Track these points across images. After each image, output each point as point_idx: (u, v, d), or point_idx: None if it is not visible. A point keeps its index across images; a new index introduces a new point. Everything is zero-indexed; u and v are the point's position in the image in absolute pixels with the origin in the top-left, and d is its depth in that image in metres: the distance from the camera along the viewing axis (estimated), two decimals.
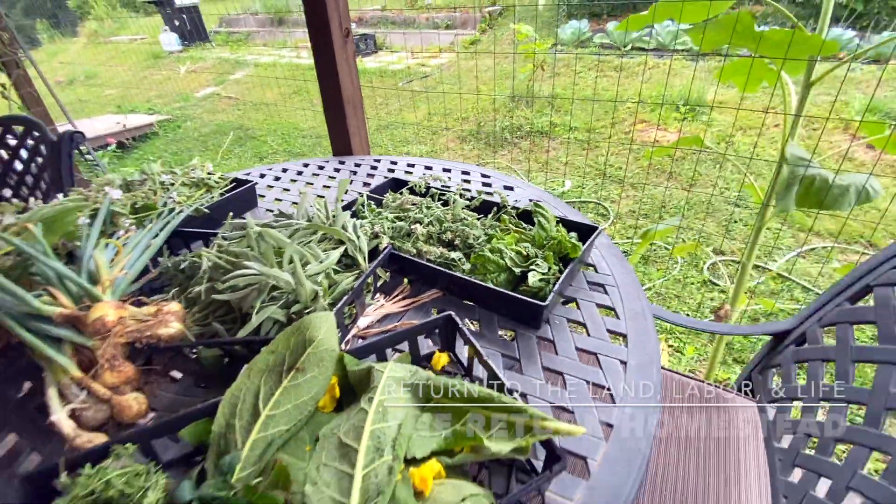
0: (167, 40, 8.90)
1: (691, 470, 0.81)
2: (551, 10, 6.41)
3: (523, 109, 4.66)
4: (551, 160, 3.91)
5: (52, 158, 1.26)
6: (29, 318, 0.63)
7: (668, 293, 2.45)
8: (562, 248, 0.81)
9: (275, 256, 0.72)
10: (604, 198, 3.35)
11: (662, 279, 2.50)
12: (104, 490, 0.46)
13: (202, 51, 8.96)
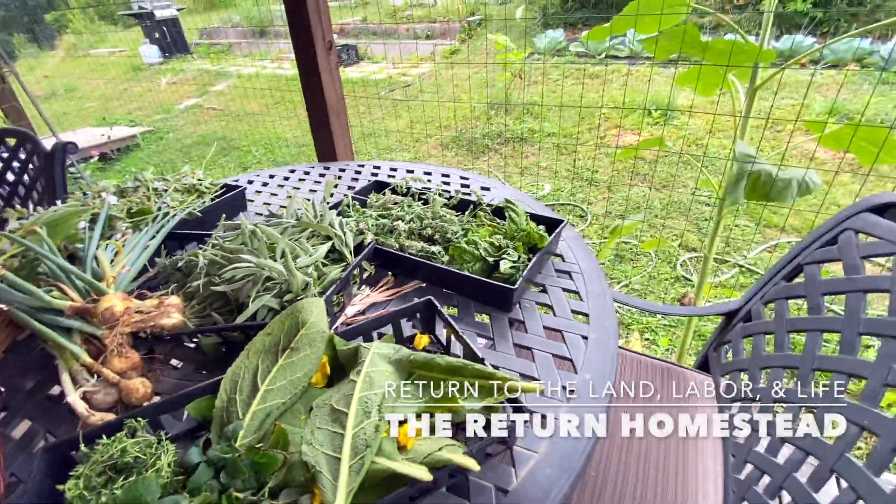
0: (147, 52, 8.87)
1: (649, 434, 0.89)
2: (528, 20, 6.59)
3: (502, 116, 4.78)
4: (530, 165, 4.03)
5: (45, 168, 1.30)
6: (40, 312, 0.69)
7: (644, 289, 2.56)
8: (531, 240, 0.89)
9: (267, 251, 0.79)
10: (581, 200, 3.47)
11: (638, 276, 2.61)
12: (121, 456, 0.52)
13: (183, 63, 8.95)
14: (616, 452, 0.89)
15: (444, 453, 0.50)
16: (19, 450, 0.62)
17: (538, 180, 3.76)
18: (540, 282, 0.89)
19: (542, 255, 0.87)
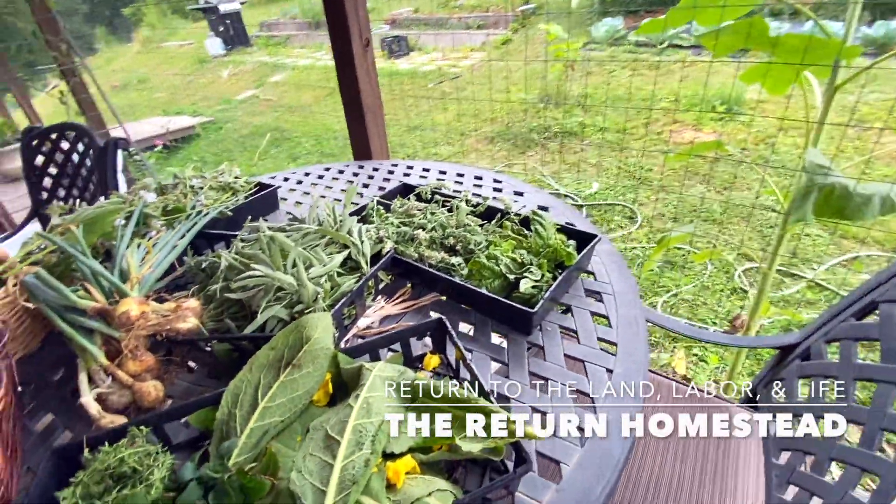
0: (212, 45, 9.35)
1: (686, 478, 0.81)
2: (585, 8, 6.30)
3: (552, 110, 4.61)
4: (580, 161, 3.86)
5: (99, 162, 1.38)
6: (67, 311, 0.71)
7: (696, 300, 2.38)
8: (557, 256, 0.82)
9: (282, 259, 0.78)
10: (632, 200, 3.28)
11: (689, 285, 2.43)
12: (118, 466, 0.52)
13: (243, 55, 9.36)
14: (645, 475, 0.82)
15: (430, 500, 0.46)
16: (39, 443, 0.65)
17: (586, 178, 3.60)
18: (566, 302, 0.83)
19: (568, 274, 0.81)
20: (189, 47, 10.50)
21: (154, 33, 12.23)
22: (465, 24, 7.52)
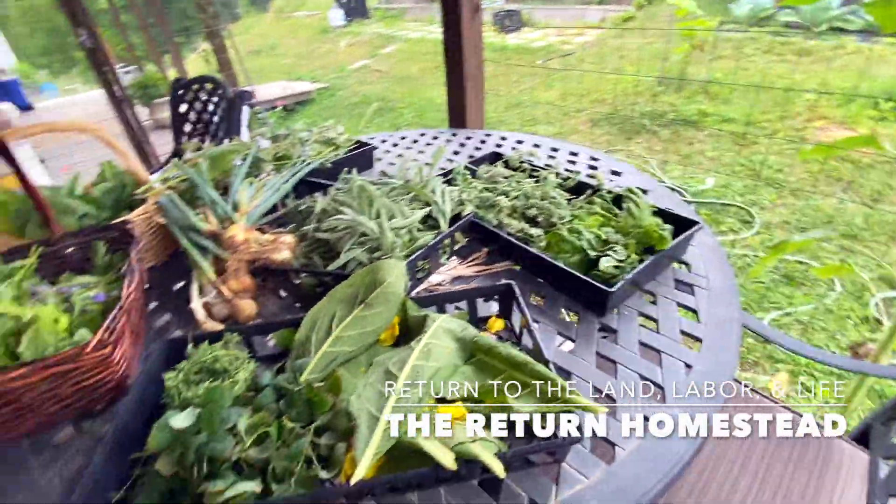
0: (334, 16, 9.91)
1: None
2: None
3: (670, 94, 4.20)
4: (694, 153, 3.50)
5: (227, 111, 1.56)
6: (189, 230, 0.83)
7: (814, 324, 2.07)
8: (649, 239, 0.76)
9: (368, 208, 0.82)
10: (752, 203, 2.91)
11: (807, 306, 2.12)
12: (213, 363, 0.60)
13: (361, 26, 9.79)
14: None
15: (473, 447, 0.47)
16: (157, 336, 0.78)
17: (700, 172, 3.25)
18: (650, 289, 0.77)
19: (658, 259, 0.74)
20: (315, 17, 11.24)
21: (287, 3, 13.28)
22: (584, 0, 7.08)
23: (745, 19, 4.90)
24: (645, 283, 0.77)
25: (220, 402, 0.53)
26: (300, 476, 0.50)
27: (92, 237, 0.82)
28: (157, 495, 0.50)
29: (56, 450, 0.61)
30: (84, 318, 0.64)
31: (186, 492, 0.50)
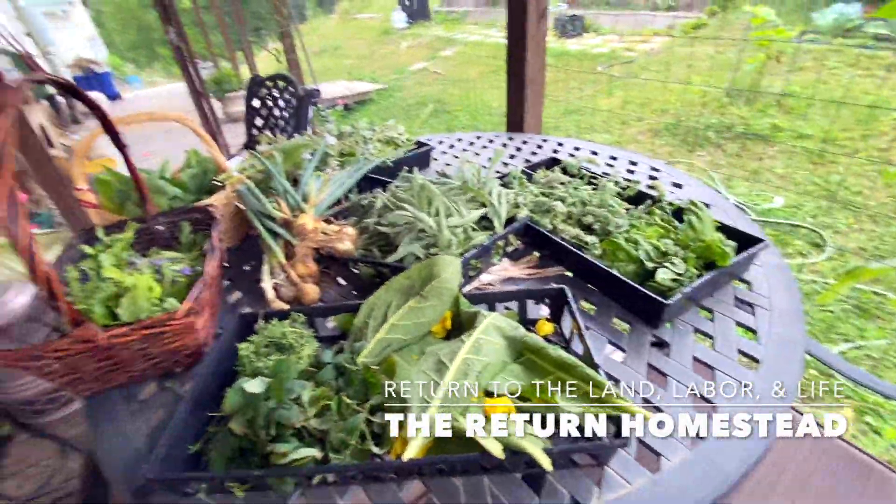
0: (397, 18, 10.17)
1: None
2: None
3: (740, 107, 3.98)
4: (763, 170, 3.30)
5: (298, 108, 1.66)
6: (263, 216, 0.90)
7: (887, 360, 1.91)
8: (710, 254, 0.74)
9: (428, 206, 0.85)
10: (825, 226, 2.71)
11: (882, 340, 1.95)
12: (280, 338, 0.66)
13: (422, 29, 9.98)
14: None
15: (520, 440, 0.48)
16: (229, 311, 0.85)
17: (768, 190, 3.06)
18: (708, 305, 0.75)
19: (718, 275, 0.73)
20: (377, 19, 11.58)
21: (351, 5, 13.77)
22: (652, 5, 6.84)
23: (828, 30, 4.54)
24: (702, 299, 0.76)
25: (287, 374, 0.58)
26: (354, 448, 0.54)
27: (180, 217, 0.91)
28: (228, 451, 0.55)
29: (141, 403, 0.69)
30: (173, 289, 0.72)
31: (254, 451, 0.55)
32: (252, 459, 0.54)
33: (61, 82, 0.65)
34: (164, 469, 0.50)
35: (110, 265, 0.77)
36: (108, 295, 0.70)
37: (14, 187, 0.49)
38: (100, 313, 0.68)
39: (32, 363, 0.59)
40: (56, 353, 0.59)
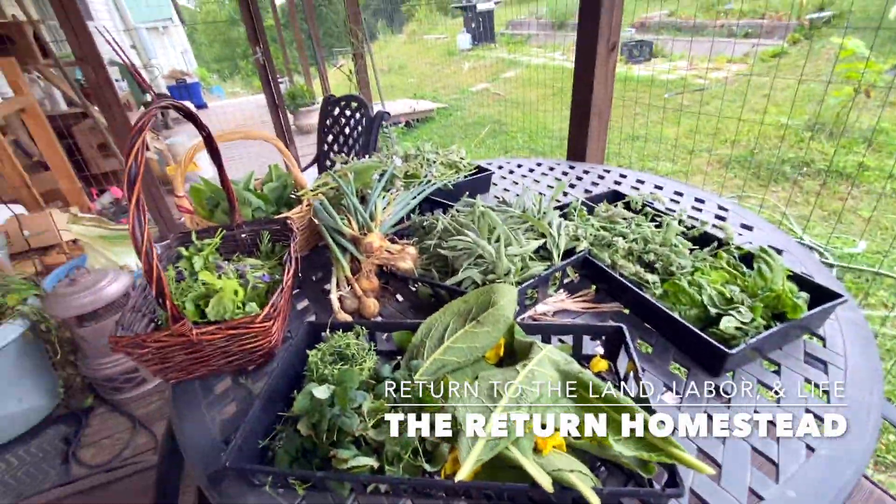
0: (462, 40, 10.44)
1: None
2: None
3: (822, 142, 3.72)
4: (846, 211, 3.05)
5: (368, 129, 1.76)
6: (334, 232, 0.97)
7: None
8: (780, 305, 0.72)
9: (487, 233, 0.88)
10: None
11: None
12: (345, 348, 0.71)
13: (486, 50, 10.17)
14: None
15: (571, 476, 0.49)
16: (297, 317, 0.91)
17: (850, 233, 2.83)
18: (775, 359, 0.72)
19: (788, 328, 0.70)
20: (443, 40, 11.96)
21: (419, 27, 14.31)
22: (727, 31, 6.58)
23: None
24: (769, 351, 0.73)
25: (350, 384, 0.62)
26: (407, 463, 0.57)
27: (261, 227, 0.99)
28: (293, 450, 0.60)
29: (217, 396, 0.76)
30: (253, 294, 0.79)
31: (315, 452, 0.59)
32: (314, 460, 0.59)
33: (179, 107, 0.75)
34: (239, 459, 0.56)
35: (201, 267, 0.87)
36: (198, 294, 0.78)
37: (143, 198, 0.57)
38: (190, 311, 0.76)
39: (136, 350, 0.67)
40: (156, 343, 0.67)
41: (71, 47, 2.49)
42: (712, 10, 7.15)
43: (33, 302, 1.69)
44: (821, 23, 5.36)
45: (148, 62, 8.85)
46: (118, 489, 1.10)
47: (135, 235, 0.57)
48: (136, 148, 0.59)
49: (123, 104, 2.75)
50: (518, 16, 11.06)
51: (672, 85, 5.80)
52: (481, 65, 9.24)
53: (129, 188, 0.57)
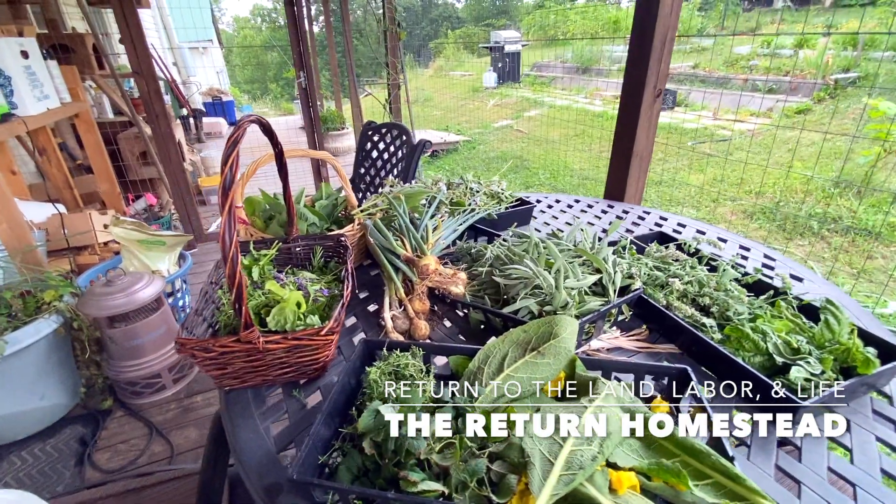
0: (488, 78, 10.78)
1: None
2: None
3: (850, 200, 3.71)
4: (874, 270, 3.01)
5: (409, 155, 1.80)
6: (387, 252, 0.98)
7: None
8: (849, 359, 0.70)
9: (545, 264, 0.89)
10: None
11: None
12: (404, 368, 0.71)
13: (511, 89, 10.48)
14: None
15: None
16: (346, 334, 0.92)
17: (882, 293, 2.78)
18: (844, 414, 0.70)
19: (856, 384, 0.68)
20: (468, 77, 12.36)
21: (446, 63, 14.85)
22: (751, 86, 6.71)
23: None
24: (835, 406, 0.71)
25: (413, 402, 0.61)
26: (472, 492, 0.56)
27: (315, 242, 1.01)
28: (354, 468, 0.59)
29: (270, 407, 0.75)
30: (314, 307, 0.80)
31: (378, 471, 0.58)
32: (377, 480, 0.57)
33: (263, 122, 0.79)
34: (303, 473, 0.55)
35: (259, 277, 0.88)
36: (258, 303, 0.79)
37: (235, 207, 0.59)
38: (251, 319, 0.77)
39: (201, 353, 0.67)
40: (222, 347, 0.67)
41: (129, 60, 2.63)
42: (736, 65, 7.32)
43: (68, 300, 1.72)
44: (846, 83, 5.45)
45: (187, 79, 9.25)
46: (151, 495, 1.08)
47: (223, 240, 0.59)
48: (231, 159, 0.61)
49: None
50: (544, 58, 11.43)
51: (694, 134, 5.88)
52: (505, 102, 9.49)
53: (223, 196, 0.59)
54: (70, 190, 2.67)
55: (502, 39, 10.83)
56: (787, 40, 7.21)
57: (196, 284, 2.71)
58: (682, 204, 4.17)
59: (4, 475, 1.51)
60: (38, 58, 2.16)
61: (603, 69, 9.27)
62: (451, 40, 15.82)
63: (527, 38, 12.55)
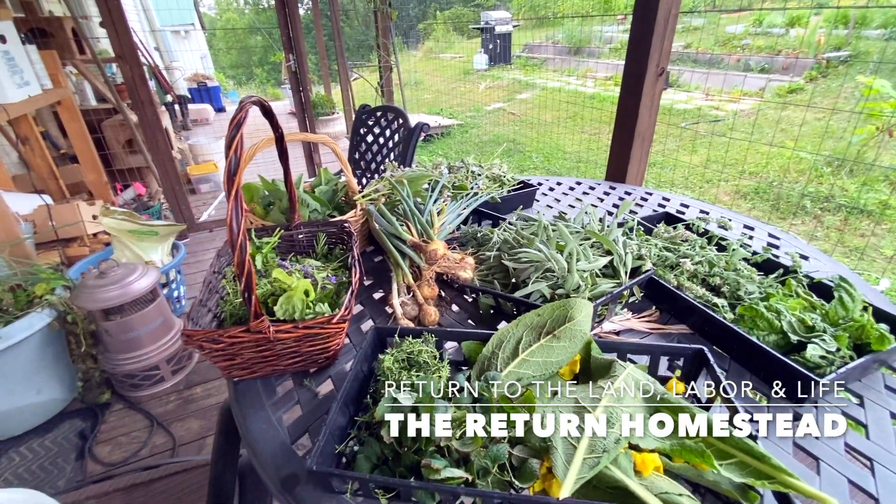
0: (478, 60, 10.62)
1: None
2: None
3: (843, 178, 3.74)
4: (868, 248, 3.05)
5: (406, 139, 1.77)
6: (393, 238, 0.96)
7: None
8: (862, 336, 0.70)
9: (556, 247, 0.87)
10: None
11: None
12: (417, 355, 0.69)
13: (502, 71, 10.34)
14: None
15: (682, 500, 0.47)
16: (353, 321, 0.90)
17: (873, 271, 2.82)
18: (857, 391, 0.70)
19: (871, 360, 0.68)
20: (459, 59, 12.16)
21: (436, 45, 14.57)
22: (743, 65, 6.68)
23: None
24: (850, 382, 0.71)
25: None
26: (495, 477, 0.55)
27: (318, 229, 0.99)
28: (373, 456, 0.58)
29: (281, 397, 0.74)
30: (322, 294, 0.78)
31: (397, 459, 0.57)
32: (397, 468, 0.57)
33: (265, 104, 0.75)
34: (322, 464, 0.54)
35: (263, 265, 0.86)
36: (264, 292, 0.77)
37: (242, 196, 0.57)
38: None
39: (210, 344, 0.65)
40: (230, 338, 0.65)
41: (111, 44, 2.53)
42: (729, 45, 7.27)
43: (61, 293, 1.68)
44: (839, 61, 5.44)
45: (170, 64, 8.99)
46: (159, 488, 1.07)
47: (231, 227, 0.56)
48: (235, 142, 0.58)
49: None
50: (535, 39, 11.26)
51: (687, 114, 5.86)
52: (497, 85, 9.37)
53: (229, 181, 0.56)
54: (55, 180, 2.59)
55: (493, 20, 10.64)
56: (778, 18, 7.17)
57: (190, 274, 2.67)
58: (677, 185, 4.17)
59: (4, 471, 1.49)
60: (17, 42, 2.07)
61: (595, 49, 9.17)
62: (441, 21, 15.52)
63: (517, 19, 12.34)
